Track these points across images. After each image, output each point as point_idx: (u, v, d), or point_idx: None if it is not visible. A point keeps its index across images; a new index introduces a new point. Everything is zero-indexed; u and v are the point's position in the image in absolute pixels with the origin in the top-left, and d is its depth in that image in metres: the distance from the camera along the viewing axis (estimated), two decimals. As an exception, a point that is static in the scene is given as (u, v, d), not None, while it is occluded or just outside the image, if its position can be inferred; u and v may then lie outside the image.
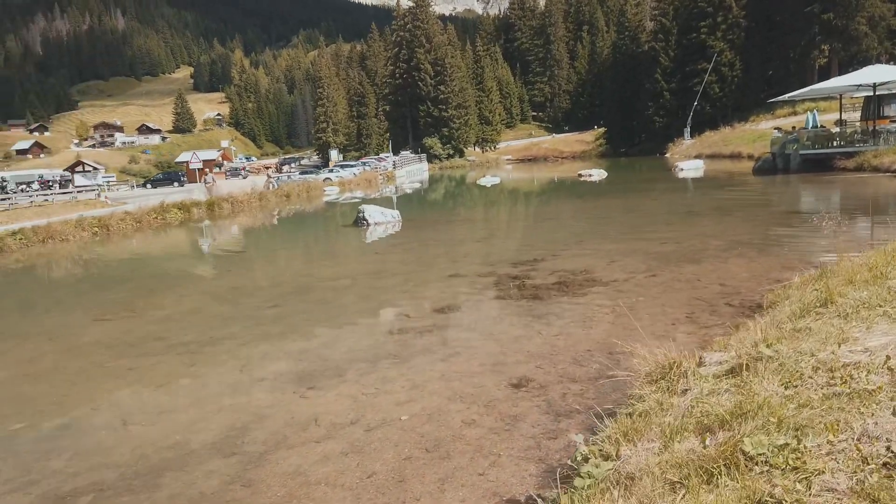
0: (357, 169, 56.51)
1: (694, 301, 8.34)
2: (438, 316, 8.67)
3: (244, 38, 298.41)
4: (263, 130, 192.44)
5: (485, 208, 27.37)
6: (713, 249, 11.81)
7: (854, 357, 4.06)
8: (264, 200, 35.23)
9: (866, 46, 57.08)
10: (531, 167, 75.71)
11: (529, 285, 10.11)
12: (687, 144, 61.91)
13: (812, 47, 59.70)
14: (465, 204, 31.47)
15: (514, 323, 8.05)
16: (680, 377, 4.49)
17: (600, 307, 8.44)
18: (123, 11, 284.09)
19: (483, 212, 25.38)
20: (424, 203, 34.23)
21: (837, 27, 57.30)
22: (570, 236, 15.53)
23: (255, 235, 23.61)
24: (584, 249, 13.28)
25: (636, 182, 35.89)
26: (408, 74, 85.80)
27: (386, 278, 11.70)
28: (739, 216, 16.36)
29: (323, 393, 6.11)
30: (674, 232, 14.54)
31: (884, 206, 16.94)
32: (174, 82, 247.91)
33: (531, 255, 12.71)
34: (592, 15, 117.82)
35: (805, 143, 28.28)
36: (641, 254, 12.08)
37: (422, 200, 35.93)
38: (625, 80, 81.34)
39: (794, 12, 59.31)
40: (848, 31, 57.02)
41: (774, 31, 62.32)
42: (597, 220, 18.80)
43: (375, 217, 19.39)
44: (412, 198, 37.75)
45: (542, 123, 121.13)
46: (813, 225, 13.35)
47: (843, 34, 57.50)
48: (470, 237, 16.53)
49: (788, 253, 10.73)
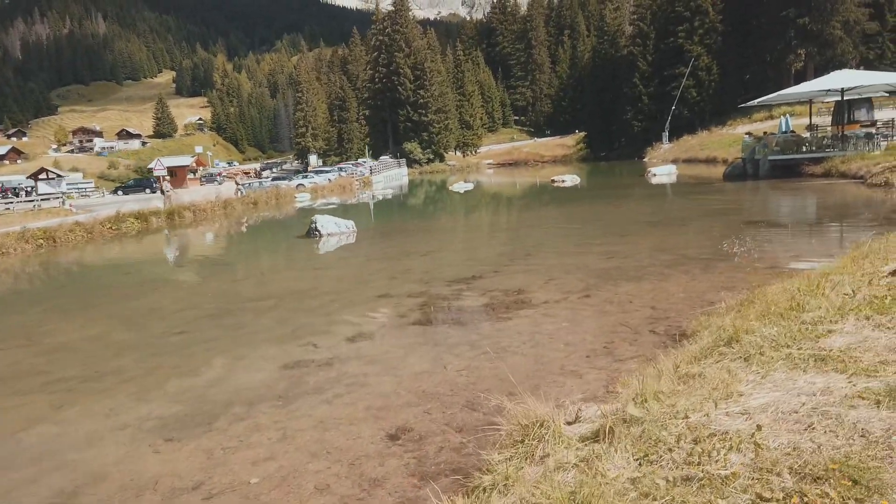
0: (332, 174, 55.77)
1: (619, 327, 7.77)
2: (347, 346, 8.04)
3: (227, 43, 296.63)
4: (245, 135, 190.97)
5: (448, 217, 26.79)
6: (658, 265, 11.28)
7: (726, 423, 3.48)
8: (229, 208, 34.43)
9: (841, 51, 57.22)
10: (512, 171, 75.34)
11: (455, 308, 9.52)
12: (665, 149, 61.74)
13: (788, 52, 59.77)
14: (432, 211, 30.87)
15: (422, 355, 7.44)
16: (540, 440, 3.89)
17: (519, 335, 7.85)
18: (104, 16, 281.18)
19: (444, 221, 24.79)
20: (392, 210, 33.59)
21: (813, 32, 57.37)
22: (520, 249, 14.96)
23: (203, 248, 22.85)
24: (529, 265, 12.71)
25: (608, 188, 35.46)
26: (387, 79, 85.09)
27: (313, 298, 11.05)
28: (696, 227, 15.87)
29: (180, 446, 5.45)
30: (626, 244, 14.01)
31: (843, 216, 16.54)
32: (156, 87, 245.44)
33: (472, 272, 12.12)
34: (573, 19, 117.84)
35: (774, 148, 27.95)
36: (584, 270, 11.53)
37: (391, 207, 35.29)
38: (604, 85, 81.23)
39: (770, 17, 59.36)
40: (823, 36, 57.12)
41: (751, 36, 62.37)
42: (554, 230, 18.26)
43: (328, 228, 18.72)
44: (383, 205, 37.11)
45: (524, 127, 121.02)
46: (765, 238, 12.89)
47: (818, 39, 57.59)
48: (419, 250, 15.91)
49: (732, 270, 10.21)
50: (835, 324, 5.02)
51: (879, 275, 6.35)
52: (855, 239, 11.43)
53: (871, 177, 21.51)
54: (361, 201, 40.43)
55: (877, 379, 3.82)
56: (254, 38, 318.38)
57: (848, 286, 6.01)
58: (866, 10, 57.65)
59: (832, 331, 4.85)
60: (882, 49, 60.60)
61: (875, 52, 60.23)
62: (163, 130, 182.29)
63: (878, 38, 60.02)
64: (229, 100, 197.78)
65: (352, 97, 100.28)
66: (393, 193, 47.06)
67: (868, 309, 5.14)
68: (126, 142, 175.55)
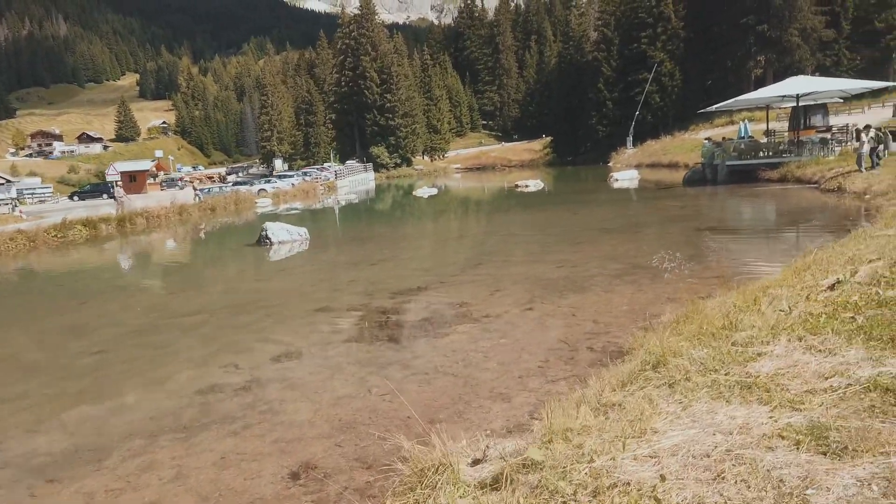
0: (296, 179, 54.87)
1: (557, 344, 7.42)
2: (270, 367, 7.55)
3: (193, 45, 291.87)
4: (211, 139, 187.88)
5: (407, 223, 26.35)
6: (607, 275, 11.00)
7: (631, 470, 3.11)
8: (185, 214, 33.45)
9: (799, 57, 58.39)
10: (479, 176, 75.20)
11: (394, 323, 9.08)
12: (629, 153, 62.25)
13: (748, 58, 60.82)
14: (392, 218, 30.39)
15: (349, 377, 6.98)
16: (434, 488, 3.48)
17: (454, 353, 7.45)
18: (66, 17, 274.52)
19: (403, 227, 24.34)
20: (353, 216, 33.02)
21: (772, 39, 58.49)
22: (471, 258, 14.59)
23: (148, 257, 22.03)
24: (477, 275, 12.34)
25: (569, 193, 35.39)
26: (354, 82, 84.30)
27: (248, 313, 10.50)
28: (650, 234, 15.69)
29: (60, 489, 4.91)
30: (577, 253, 13.74)
31: (795, 222, 16.54)
32: (119, 90, 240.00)
33: (419, 282, 11.71)
34: (540, 25, 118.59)
35: (732, 153, 28.14)
36: (533, 280, 11.20)
37: (353, 213, 34.70)
38: (570, 90, 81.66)
39: (731, 24, 60.34)
40: (781, 43, 58.26)
41: (713, 43, 63.26)
42: (509, 237, 17.94)
43: (280, 236, 18.11)
44: (346, 210, 36.48)
45: (492, 132, 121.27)
46: (717, 246, 12.73)
47: (777, 45, 58.72)
48: (369, 258, 15.43)
49: (679, 280, 9.96)
50: (766, 345, 4.71)
51: (818, 289, 6.10)
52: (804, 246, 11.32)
53: (824, 182, 21.71)
54: (326, 206, 39.77)
55: (801, 413, 3.50)
56: (220, 40, 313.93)
57: (785, 302, 5.74)
58: (823, 17, 58.93)
59: (762, 353, 4.54)
60: (838, 56, 62.00)
61: (831, 59, 61.58)
62: (125, 134, 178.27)
63: (834, 46, 61.37)
64: (194, 103, 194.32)
65: (318, 101, 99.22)
66: (358, 198, 46.47)
67: (801, 328, 4.85)
68: (87, 146, 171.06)
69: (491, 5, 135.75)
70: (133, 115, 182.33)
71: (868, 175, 19.49)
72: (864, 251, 7.42)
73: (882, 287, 5.46)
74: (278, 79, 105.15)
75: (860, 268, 6.33)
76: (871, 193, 17.43)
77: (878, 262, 6.50)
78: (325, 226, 28.18)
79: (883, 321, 4.63)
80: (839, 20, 61.33)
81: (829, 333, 4.63)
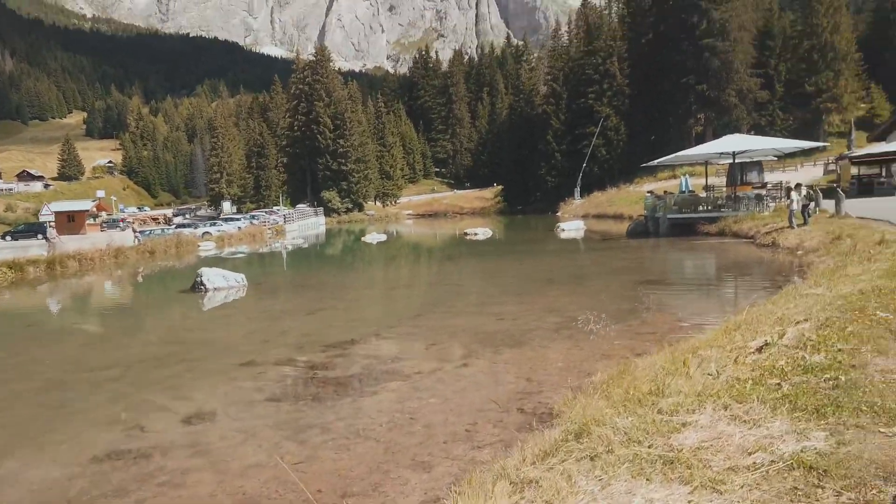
0: (242, 222, 53.79)
1: (488, 404, 7.10)
2: (179, 430, 6.97)
3: (145, 86, 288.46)
4: (159, 179, 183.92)
5: (352, 270, 25.91)
6: (546, 328, 10.82)
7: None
8: (122, 257, 32.15)
9: (736, 116, 61.30)
10: (431, 222, 75.46)
11: (320, 380, 8.61)
12: (577, 204, 63.57)
13: (689, 115, 63.50)
14: (337, 264, 29.88)
15: (262, 442, 6.48)
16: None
17: (379, 415, 7.04)
18: (13, 53, 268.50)
19: (346, 275, 23.87)
20: (298, 262, 32.33)
21: (711, 98, 61.31)
22: (412, 309, 14.26)
23: (73, 303, 20.91)
24: (415, 327, 12.01)
25: (518, 242, 35.63)
26: (307, 127, 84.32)
27: (168, 366, 9.86)
28: (592, 286, 15.70)
29: None
30: (519, 304, 13.56)
31: (732, 277, 16.85)
32: (65, 128, 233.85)
33: (354, 334, 11.28)
34: (493, 77, 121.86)
35: (672, 207, 28.87)
36: (470, 334, 10.92)
37: (298, 258, 33.99)
38: (521, 141, 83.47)
39: (673, 83, 63.03)
40: (720, 102, 61.12)
41: (656, 100, 65.85)
42: (453, 287, 17.73)
43: (216, 282, 17.41)
44: (292, 255, 35.75)
45: (445, 179, 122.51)
46: (655, 300, 12.75)
47: (715, 105, 61.56)
48: (306, 307, 14.92)
49: (616, 336, 9.84)
50: (692, 413, 4.51)
51: (747, 350, 6.00)
52: (738, 302, 11.43)
53: (759, 237, 22.35)
54: (273, 251, 38.98)
55: (721, 496, 3.27)
56: (174, 82, 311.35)
57: (713, 365, 5.60)
58: (758, 79, 62.25)
59: (687, 424, 4.33)
60: (773, 116, 65.42)
61: (766, 119, 64.91)
62: (69, 173, 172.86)
63: (768, 106, 64.79)
64: (143, 143, 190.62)
65: (271, 144, 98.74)
66: (306, 243, 45.76)
67: (727, 395, 4.68)
68: (27, 184, 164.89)
69: (445, 56, 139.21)
70: (77, 154, 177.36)
71: (800, 231, 20.15)
72: (793, 311, 7.43)
73: (808, 351, 5.37)
74: (230, 121, 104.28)
75: (788, 329, 6.28)
76: (804, 249, 17.96)
77: (805, 323, 6.47)
78: (267, 271, 27.46)
79: (808, 390, 4.50)
80: (773, 83, 64.94)
81: (754, 402, 4.47)
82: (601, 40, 69.87)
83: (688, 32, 61.41)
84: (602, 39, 69.97)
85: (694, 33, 60.78)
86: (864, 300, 7.14)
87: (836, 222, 20.00)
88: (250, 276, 24.18)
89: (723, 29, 59.93)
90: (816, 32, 60.25)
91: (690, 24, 61.14)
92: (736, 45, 59.94)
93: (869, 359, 5.11)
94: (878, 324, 6.06)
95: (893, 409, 4.07)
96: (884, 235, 13.48)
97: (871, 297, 7.23)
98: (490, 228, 41.69)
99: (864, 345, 5.44)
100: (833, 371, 4.82)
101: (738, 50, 60.09)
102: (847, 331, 5.86)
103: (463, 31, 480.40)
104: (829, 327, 6.08)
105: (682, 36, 62.14)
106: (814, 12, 60.52)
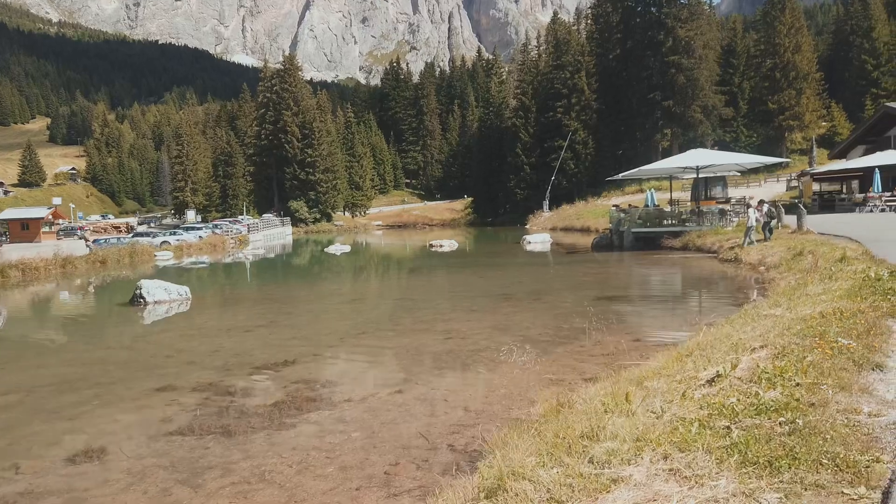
0: (204, 232, 52.28)
1: (416, 440, 6.36)
2: (59, 471, 6.08)
3: (112, 92, 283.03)
4: (124, 187, 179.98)
5: (306, 282, 24.94)
6: (494, 348, 10.11)
7: None
8: (70, 267, 30.67)
9: (702, 132, 61.98)
10: (400, 233, 74.67)
11: (237, 408, 7.77)
12: (545, 217, 63.42)
13: (655, 130, 64.02)
14: (294, 275, 28.89)
15: (150, 487, 5.62)
16: None
17: (293, 452, 6.23)
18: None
19: (299, 287, 22.89)
20: (254, 272, 31.21)
21: (676, 114, 61.93)
22: (357, 325, 13.46)
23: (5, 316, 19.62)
24: (357, 346, 11.22)
25: (482, 255, 35.04)
26: (274, 136, 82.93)
27: (75, 391, 8.90)
28: (548, 302, 15.08)
29: None
30: (471, 321, 12.87)
31: (692, 293, 16.42)
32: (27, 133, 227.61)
33: (290, 354, 10.44)
34: (463, 90, 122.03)
35: (637, 221, 28.58)
36: (413, 355, 10.18)
37: (256, 269, 32.85)
38: (490, 153, 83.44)
39: (640, 99, 63.59)
40: (686, 118, 61.75)
41: (623, 115, 66.36)
42: (405, 302, 16.97)
43: (156, 295, 16.36)
44: (252, 266, 34.59)
45: (416, 191, 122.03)
46: (610, 318, 12.16)
47: (681, 120, 62.19)
48: (246, 324, 14.02)
49: (567, 356, 9.20)
50: (626, 465, 3.83)
51: (697, 382, 5.37)
52: (695, 321, 10.89)
53: (722, 252, 22.07)
54: (233, 261, 37.78)
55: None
56: (141, 88, 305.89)
57: (658, 400, 4.95)
58: (723, 97, 63.06)
59: (619, 480, 3.64)
60: (737, 132, 66.32)
61: (731, 135, 65.79)
62: (29, 179, 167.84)
63: (733, 123, 65.70)
64: (108, 150, 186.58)
65: (239, 153, 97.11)
66: (268, 253, 44.54)
67: (669, 442, 4.01)
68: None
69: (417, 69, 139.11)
70: (39, 160, 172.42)
71: (762, 246, 19.89)
72: (750, 335, 6.85)
73: (763, 386, 4.75)
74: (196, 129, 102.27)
75: (742, 358, 5.67)
76: (765, 265, 17.64)
77: (761, 350, 5.87)
78: (218, 283, 26.35)
79: (760, 436, 3.85)
80: (737, 100, 65.90)
81: (699, 451, 3.80)
82: (569, 55, 70.22)
83: (654, 49, 62.11)
84: (570, 54, 70.34)
85: (660, 50, 61.48)
86: (825, 324, 6.59)
87: (798, 238, 19.80)
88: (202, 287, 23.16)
89: (688, 46, 60.72)
90: (778, 52, 61.38)
91: (657, 42, 61.84)
92: (701, 62, 60.76)
93: (830, 395, 4.51)
94: (840, 352, 5.48)
95: (858, 463, 3.44)
96: (844, 252, 13.13)
97: (833, 321, 6.68)
98: (455, 240, 41.06)
99: (824, 378, 4.83)
100: (790, 412, 4.19)
101: (702, 67, 60.92)
102: (806, 361, 5.27)
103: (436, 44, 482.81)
104: (787, 357, 5.49)
105: (648, 53, 62.82)
106: (776, 32, 61.66)
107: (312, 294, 20.25)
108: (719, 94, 63.34)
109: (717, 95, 62.74)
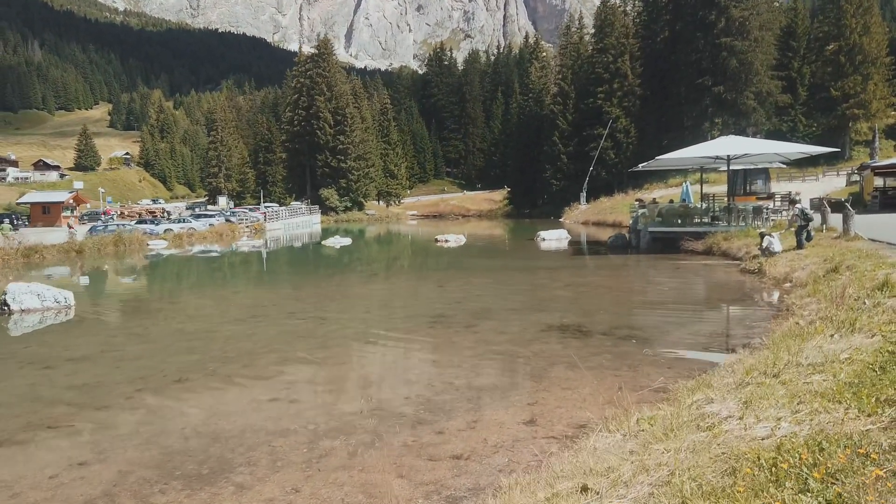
0: (216, 220, 50.49)
1: None
2: None
3: (171, 79, 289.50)
4: (175, 172, 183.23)
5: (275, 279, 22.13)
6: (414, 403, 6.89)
7: None
8: (35, 257, 28.79)
9: (755, 121, 56.40)
10: (436, 223, 71.38)
11: None
12: (582, 209, 59.35)
13: (704, 119, 58.62)
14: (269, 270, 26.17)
15: None
16: None
17: None
18: (42, 44, 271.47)
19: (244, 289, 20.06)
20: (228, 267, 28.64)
21: (727, 101, 56.48)
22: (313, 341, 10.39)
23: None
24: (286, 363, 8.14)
25: (489, 253, 31.56)
26: (307, 122, 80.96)
27: None
28: (484, 330, 11.59)
29: None
30: (326, 367, 9.64)
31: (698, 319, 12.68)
32: (89, 119, 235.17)
33: (104, 400, 7.46)
34: (508, 77, 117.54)
35: (656, 219, 24.58)
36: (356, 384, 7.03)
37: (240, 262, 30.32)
38: (529, 142, 79.22)
39: (688, 84, 58.36)
40: (737, 105, 56.26)
41: (669, 101, 61.17)
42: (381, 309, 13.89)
43: (25, 302, 13.68)
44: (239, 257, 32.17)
45: (456, 180, 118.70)
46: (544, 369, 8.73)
47: (732, 108, 56.70)
48: (118, 346, 11.17)
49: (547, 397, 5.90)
50: None
51: None
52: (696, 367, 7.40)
53: (748, 260, 18.05)
54: (232, 251, 35.64)
55: None
56: (199, 76, 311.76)
57: None
58: (779, 82, 57.26)
59: None
60: (794, 122, 60.31)
61: (788, 125, 59.83)
62: (85, 163, 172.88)
63: (790, 111, 59.71)
64: (161, 136, 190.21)
65: (278, 139, 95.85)
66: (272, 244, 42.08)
67: None
68: (42, 173, 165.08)
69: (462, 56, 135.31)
70: (94, 145, 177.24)
71: (794, 256, 15.86)
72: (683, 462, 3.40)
73: None
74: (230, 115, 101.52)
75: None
76: (792, 282, 13.73)
77: None
78: (162, 279, 23.79)
79: None
80: (796, 86, 59.86)
81: None
82: (613, 37, 65.27)
83: (705, 31, 56.74)
84: (614, 37, 65.36)
85: (711, 32, 56.10)
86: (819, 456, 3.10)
87: (841, 246, 15.62)
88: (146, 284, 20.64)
89: (742, 27, 55.14)
90: (844, 34, 55.06)
91: (708, 22, 56.41)
92: (756, 44, 55.08)
93: None
94: None
95: None
96: (888, 276, 9.22)
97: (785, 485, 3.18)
98: (463, 235, 37.72)
99: None
100: None
101: (758, 50, 55.23)
102: None
103: (490, 32, 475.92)
104: None
105: (698, 35, 57.48)
106: (843, 12, 55.30)
107: (280, 294, 17.34)
108: (776, 79, 57.43)
109: (774, 81, 56.89)
